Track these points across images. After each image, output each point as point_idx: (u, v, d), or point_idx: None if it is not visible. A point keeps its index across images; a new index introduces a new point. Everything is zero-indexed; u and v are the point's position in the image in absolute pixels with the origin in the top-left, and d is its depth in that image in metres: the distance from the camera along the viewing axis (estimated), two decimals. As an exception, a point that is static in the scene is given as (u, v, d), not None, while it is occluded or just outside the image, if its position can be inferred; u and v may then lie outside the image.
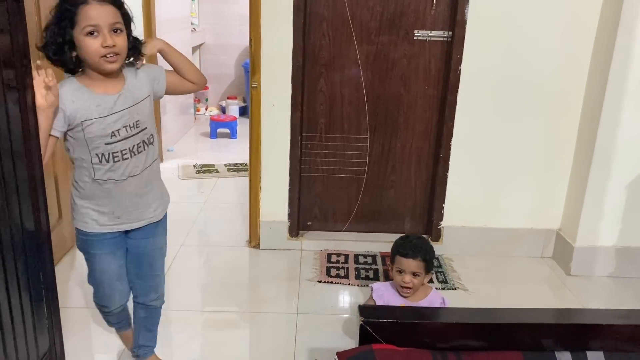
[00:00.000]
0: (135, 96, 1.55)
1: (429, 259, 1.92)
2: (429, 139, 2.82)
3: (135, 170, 1.58)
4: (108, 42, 1.42)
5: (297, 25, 2.58)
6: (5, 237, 1.11)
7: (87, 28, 1.40)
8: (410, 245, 1.93)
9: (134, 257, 1.73)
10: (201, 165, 4.25)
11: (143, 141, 1.58)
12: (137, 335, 1.92)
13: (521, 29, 2.60)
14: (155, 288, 1.83)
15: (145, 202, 1.66)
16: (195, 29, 5.55)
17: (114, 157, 1.53)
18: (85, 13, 1.39)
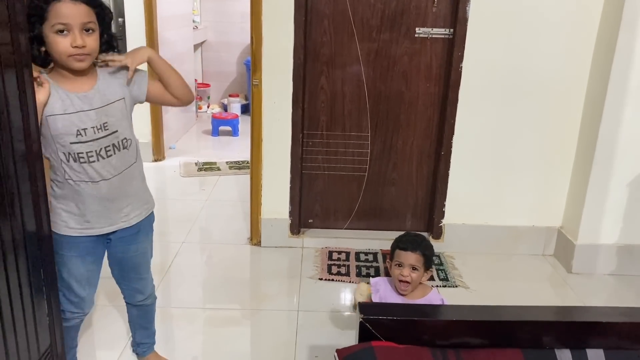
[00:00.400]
0: (105, 97, 1.50)
1: (428, 255, 1.92)
2: (430, 136, 2.82)
3: (106, 175, 1.52)
4: (78, 42, 1.38)
5: (298, 23, 2.58)
6: (6, 235, 1.11)
7: (58, 26, 1.37)
8: (410, 239, 1.93)
9: (116, 262, 1.71)
10: (203, 162, 4.25)
11: (113, 145, 1.52)
12: (134, 333, 1.93)
13: (523, 27, 2.59)
14: (141, 290, 1.80)
15: (118, 207, 1.59)
16: (197, 26, 5.55)
17: (80, 159, 1.47)
18: (56, 10, 1.36)
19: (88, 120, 1.47)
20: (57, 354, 1.34)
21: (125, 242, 1.66)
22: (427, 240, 1.98)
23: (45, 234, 1.28)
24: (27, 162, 1.18)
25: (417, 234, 2.00)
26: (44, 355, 1.28)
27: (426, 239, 1.99)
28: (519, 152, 2.78)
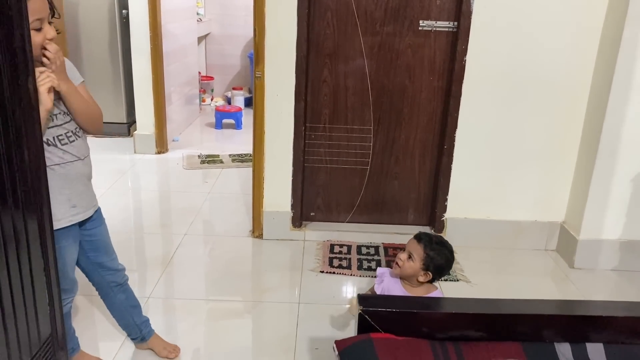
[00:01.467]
0: None
1: (432, 256, 1.83)
2: (433, 130, 2.81)
3: (83, 154, 1.61)
4: (52, 34, 1.44)
5: (301, 15, 2.57)
6: (6, 225, 1.12)
7: (35, 23, 1.39)
8: (428, 236, 1.88)
9: (94, 248, 1.74)
10: (206, 155, 4.26)
11: (76, 128, 1.59)
12: (131, 319, 1.94)
13: (527, 21, 2.58)
14: (117, 267, 1.85)
15: (91, 188, 1.69)
16: (201, 19, 5.55)
17: (61, 140, 1.54)
18: (32, 6, 1.36)
19: (54, 108, 1.52)
20: (58, 342, 1.35)
21: (96, 224, 1.73)
22: (443, 247, 1.87)
23: (45, 223, 1.28)
24: (28, 151, 1.18)
25: (442, 240, 1.91)
26: (45, 344, 1.29)
27: (445, 247, 1.87)
28: (522, 146, 2.77)
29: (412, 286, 1.88)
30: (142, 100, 4.12)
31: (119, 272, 1.85)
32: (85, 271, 1.79)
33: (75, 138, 1.59)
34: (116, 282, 1.85)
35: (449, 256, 1.86)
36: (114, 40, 4.33)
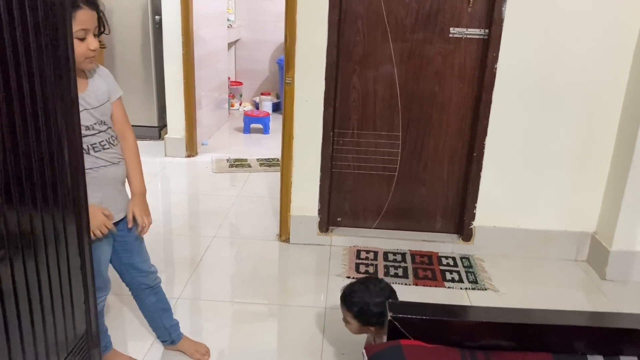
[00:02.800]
0: (98, 98, 1.62)
1: (358, 312, 1.76)
2: (462, 137, 2.79)
3: (116, 160, 1.66)
4: (95, 45, 1.51)
5: (332, 22, 2.59)
6: (47, 224, 1.16)
7: (80, 32, 1.46)
8: (344, 293, 1.84)
9: (127, 247, 1.78)
10: (234, 159, 4.31)
11: (112, 136, 1.65)
12: (160, 321, 1.97)
13: (560, 28, 2.55)
14: (150, 270, 1.88)
15: (124, 192, 1.74)
16: (232, 25, 5.62)
17: (94, 148, 1.59)
18: (79, 17, 1.45)
19: (91, 118, 1.59)
20: (92, 338, 1.38)
21: (130, 237, 1.77)
22: (357, 295, 1.78)
23: (83, 223, 1.32)
24: (68, 153, 1.22)
25: (354, 288, 1.82)
26: (81, 340, 1.33)
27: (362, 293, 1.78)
28: (553, 154, 2.73)
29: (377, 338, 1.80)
30: (173, 104, 4.19)
31: (150, 274, 1.88)
32: (118, 271, 1.84)
33: (110, 146, 1.63)
34: (147, 284, 1.88)
35: (369, 298, 1.75)
36: (146, 45, 4.42)
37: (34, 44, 1.05)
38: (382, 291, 1.79)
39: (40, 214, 1.12)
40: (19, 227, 1.04)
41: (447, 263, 2.76)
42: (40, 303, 1.14)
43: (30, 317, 1.10)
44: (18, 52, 1.00)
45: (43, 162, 1.12)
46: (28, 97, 1.05)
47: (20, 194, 1.04)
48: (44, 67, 1.09)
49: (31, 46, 1.05)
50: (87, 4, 1.47)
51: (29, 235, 1.08)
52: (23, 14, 1.01)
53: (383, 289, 1.80)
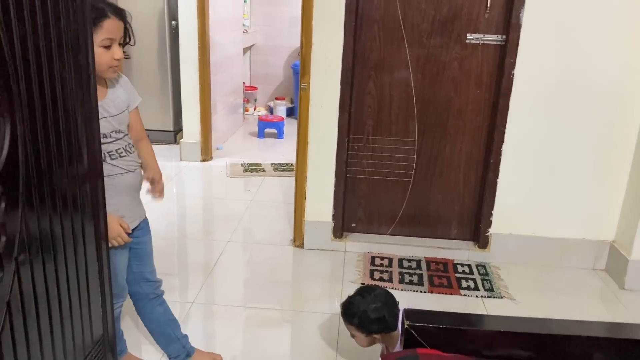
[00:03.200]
0: (117, 106, 1.63)
1: (359, 323, 1.78)
2: (479, 143, 2.77)
3: (131, 168, 1.66)
4: (120, 55, 1.53)
5: (348, 28, 2.59)
6: (67, 227, 1.16)
7: (106, 41, 1.49)
8: (343, 309, 1.86)
9: (139, 256, 1.78)
10: (248, 164, 4.32)
11: (129, 144, 1.66)
12: (172, 332, 1.93)
13: (579, 34, 2.52)
14: (156, 279, 1.88)
15: (139, 199, 1.74)
16: (247, 30, 5.65)
17: (111, 156, 1.60)
18: (106, 26, 1.47)
19: (109, 126, 1.59)
20: (108, 342, 1.39)
21: (144, 233, 1.79)
22: (354, 306, 1.80)
23: (101, 227, 1.33)
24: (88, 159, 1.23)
25: (351, 300, 1.83)
26: (98, 344, 1.33)
27: (360, 303, 1.80)
28: (572, 162, 2.70)
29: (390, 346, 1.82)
30: (189, 109, 4.22)
31: (156, 283, 1.87)
32: (126, 281, 1.83)
33: (126, 154, 1.64)
34: (155, 293, 1.87)
35: (365, 306, 1.77)
36: (163, 50, 4.46)
37: (55, 50, 1.06)
38: (378, 297, 1.81)
39: (59, 219, 1.13)
40: (40, 231, 1.05)
41: (462, 270, 2.74)
42: (59, 306, 1.15)
43: (49, 320, 1.11)
44: (41, 58, 1.02)
45: (63, 166, 1.13)
46: (49, 103, 1.06)
47: (41, 198, 1.05)
48: (65, 73, 1.11)
49: (53, 52, 1.06)
50: (115, 14, 1.49)
51: (49, 239, 1.09)
52: (46, 21, 1.03)
53: (378, 295, 1.82)
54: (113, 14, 1.49)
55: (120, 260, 1.69)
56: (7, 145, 0.92)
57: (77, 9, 1.13)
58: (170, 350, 1.96)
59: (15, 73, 0.94)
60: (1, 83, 0.90)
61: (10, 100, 0.93)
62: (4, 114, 0.91)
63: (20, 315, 1.00)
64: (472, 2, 2.59)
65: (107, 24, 1.47)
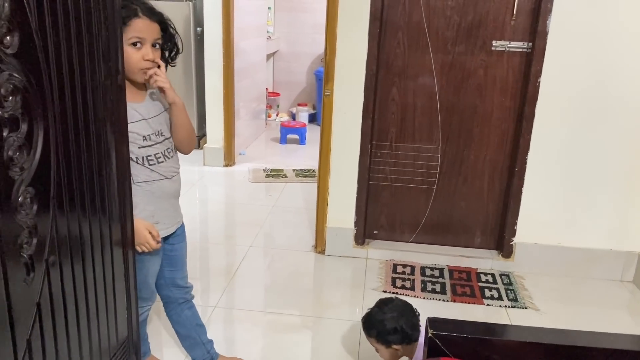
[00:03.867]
0: (156, 108, 1.62)
1: (378, 334, 1.78)
2: (503, 151, 2.74)
3: (170, 174, 1.64)
4: (150, 55, 1.50)
5: (372, 34, 2.59)
6: (94, 230, 1.18)
7: (133, 39, 1.47)
8: (364, 324, 1.85)
9: (172, 262, 1.78)
10: (270, 169, 4.34)
11: (168, 149, 1.63)
12: (198, 337, 1.94)
13: (607, 41, 2.49)
14: (187, 285, 1.88)
15: (177, 206, 1.73)
16: (271, 37, 5.69)
17: (149, 161, 1.58)
18: (135, 25, 1.46)
19: (149, 128, 1.58)
20: (133, 344, 1.41)
21: (179, 240, 1.78)
22: (373, 318, 1.80)
23: (128, 231, 1.34)
24: (116, 163, 1.25)
25: (372, 312, 1.83)
26: (122, 345, 1.35)
27: (377, 315, 1.80)
28: (599, 171, 2.65)
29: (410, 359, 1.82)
30: (212, 115, 4.26)
31: (186, 289, 1.88)
32: (156, 284, 1.83)
33: (165, 159, 1.62)
34: (185, 298, 1.88)
35: (381, 316, 1.77)
36: (188, 57, 4.52)
37: (87, 56, 1.09)
38: (394, 308, 1.81)
39: (88, 221, 1.15)
40: (69, 234, 1.07)
41: (486, 280, 2.71)
42: (86, 308, 1.17)
43: (76, 321, 1.13)
44: (73, 64, 1.04)
45: (92, 170, 1.15)
46: (80, 107, 1.08)
47: (71, 201, 1.07)
48: (95, 79, 1.13)
49: (85, 58, 1.08)
50: (147, 14, 1.49)
51: (78, 242, 1.11)
52: (79, 28, 1.05)
53: (395, 307, 1.82)
54: (145, 14, 1.48)
55: (152, 265, 1.69)
56: (40, 148, 0.95)
57: (108, 15, 1.15)
58: (194, 354, 1.97)
59: (48, 78, 0.96)
60: (35, 88, 0.92)
61: (44, 105, 0.95)
62: (37, 118, 0.94)
63: (49, 316, 1.02)
64: (498, 9, 2.57)
65: (137, 22, 1.47)
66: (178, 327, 1.93)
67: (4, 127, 0.86)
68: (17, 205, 0.90)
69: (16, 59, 0.87)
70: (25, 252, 0.93)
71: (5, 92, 0.85)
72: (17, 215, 0.90)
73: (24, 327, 0.95)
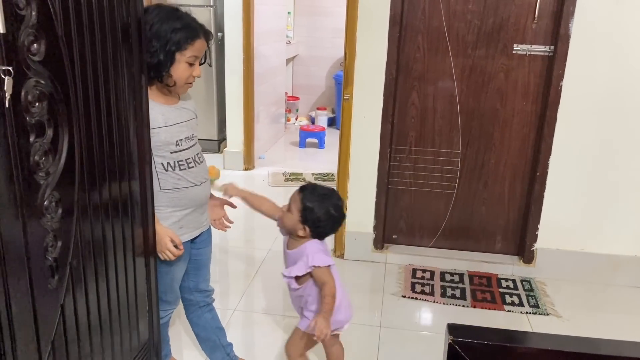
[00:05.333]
0: (188, 113, 1.66)
1: (310, 208, 1.67)
2: (525, 156, 2.71)
3: (199, 181, 1.65)
4: (198, 72, 1.58)
5: (392, 38, 2.59)
6: (117, 233, 1.20)
7: (192, 58, 1.54)
8: (312, 186, 1.75)
9: (196, 266, 1.79)
10: (290, 173, 4.35)
11: (197, 154, 1.67)
12: (217, 340, 1.95)
13: (630, 44, 2.44)
14: (209, 289, 1.89)
15: (203, 211, 1.74)
16: (290, 41, 5.72)
17: (180, 165, 1.60)
18: (196, 45, 1.53)
19: (183, 131, 1.62)
20: (154, 346, 1.42)
21: (205, 244, 1.80)
22: (325, 199, 1.70)
23: (150, 235, 1.36)
24: (139, 169, 1.27)
25: (328, 192, 1.74)
26: (144, 347, 1.36)
27: (329, 199, 1.71)
28: (622, 175, 2.60)
29: (294, 241, 1.73)
30: (233, 119, 4.30)
31: (208, 292, 1.89)
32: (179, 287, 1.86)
33: (195, 165, 1.64)
34: (206, 301, 1.90)
35: (332, 210, 1.67)
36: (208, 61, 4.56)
37: (111, 64, 1.11)
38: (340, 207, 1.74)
39: (111, 226, 1.17)
40: (92, 237, 1.09)
41: (506, 285, 2.68)
42: (109, 310, 1.18)
43: (99, 323, 1.14)
44: (97, 72, 1.06)
45: (115, 175, 1.17)
46: (104, 114, 1.10)
47: (94, 205, 1.09)
48: (119, 86, 1.15)
49: (109, 67, 1.10)
50: (204, 35, 1.56)
51: (101, 246, 1.13)
52: (103, 38, 1.07)
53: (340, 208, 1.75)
54: (203, 35, 1.55)
55: (178, 270, 1.71)
56: (65, 154, 0.97)
57: (132, 25, 1.17)
58: (214, 357, 1.98)
59: (73, 85, 0.98)
60: (61, 94, 0.94)
61: (69, 112, 0.97)
62: (62, 124, 0.96)
63: (73, 318, 1.04)
64: (519, 13, 2.54)
65: (198, 43, 1.54)
66: (198, 329, 1.94)
67: (31, 132, 0.88)
68: (42, 209, 0.92)
69: (43, 66, 0.89)
70: (50, 255, 0.95)
71: (32, 98, 0.87)
72: (42, 219, 0.92)
73: (48, 329, 0.97)
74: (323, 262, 1.63)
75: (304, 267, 1.63)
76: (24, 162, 0.86)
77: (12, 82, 0.80)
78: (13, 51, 0.82)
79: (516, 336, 1.33)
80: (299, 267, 1.63)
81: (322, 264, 1.63)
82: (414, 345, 2.22)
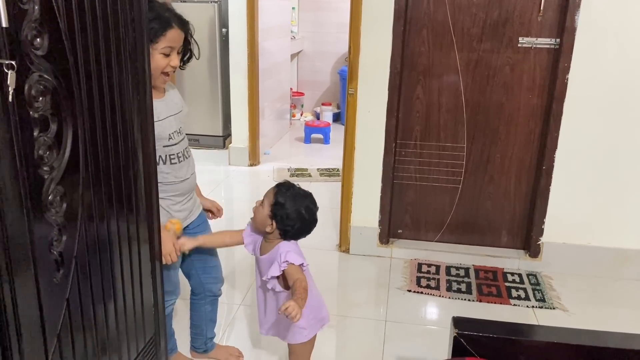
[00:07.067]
0: (175, 106, 1.68)
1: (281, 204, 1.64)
2: (530, 149, 2.70)
3: (187, 174, 1.69)
4: (176, 63, 1.58)
5: (396, 33, 2.58)
6: (122, 227, 1.21)
7: (166, 49, 1.54)
8: (288, 184, 1.72)
9: (196, 250, 1.80)
10: (295, 169, 4.35)
11: (185, 149, 1.69)
12: (205, 331, 2.00)
13: (637, 38, 2.42)
14: (219, 277, 1.92)
15: (193, 201, 1.78)
16: (295, 36, 5.71)
17: (171, 159, 1.62)
18: (169, 35, 1.53)
19: (174, 124, 1.64)
20: (159, 341, 1.43)
21: (202, 230, 1.82)
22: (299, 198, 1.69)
23: (155, 228, 1.36)
24: (143, 161, 1.27)
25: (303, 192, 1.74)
26: (149, 342, 1.37)
27: (304, 199, 1.71)
28: (629, 168, 2.59)
29: (266, 242, 1.70)
30: (237, 115, 4.30)
31: (218, 281, 1.92)
32: (185, 273, 1.88)
33: (184, 159, 1.67)
34: (213, 292, 1.92)
35: (303, 210, 1.65)
36: (213, 57, 4.56)
37: (114, 58, 1.11)
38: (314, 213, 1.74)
39: (115, 220, 1.17)
40: (97, 232, 1.09)
41: (512, 280, 2.67)
42: (114, 305, 1.19)
43: (104, 317, 1.15)
44: (101, 66, 1.06)
45: (120, 169, 1.17)
46: (108, 108, 1.10)
47: (99, 200, 1.09)
48: (122, 80, 1.15)
49: (112, 61, 1.10)
50: (179, 24, 1.55)
51: (106, 239, 1.14)
52: (107, 32, 1.07)
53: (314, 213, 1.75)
54: (177, 25, 1.55)
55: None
56: (69, 148, 0.97)
57: (135, 19, 1.17)
58: (194, 340, 2.04)
59: (77, 79, 0.98)
60: (65, 89, 0.94)
61: (73, 106, 0.98)
62: (66, 119, 0.96)
63: (78, 312, 1.04)
64: (525, 5, 2.53)
65: (171, 33, 1.53)
66: (193, 313, 1.99)
67: (35, 127, 0.88)
68: (47, 203, 0.92)
69: (46, 61, 0.89)
70: (55, 250, 0.96)
71: (35, 92, 0.87)
72: (47, 214, 0.93)
73: (54, 323, 0.97)
74: (296, 261, 1.63)
75: (278, 266, 1.62)
76: (28, 156, 0.87)
77: (15, 76, 0.80)
78: (16, 45, 0.82)
79: (521, 329, 1.33)
80: (275, 268, 1.63)
81: (295, 262, 1.62)
82: (420, 339, 2.22)
